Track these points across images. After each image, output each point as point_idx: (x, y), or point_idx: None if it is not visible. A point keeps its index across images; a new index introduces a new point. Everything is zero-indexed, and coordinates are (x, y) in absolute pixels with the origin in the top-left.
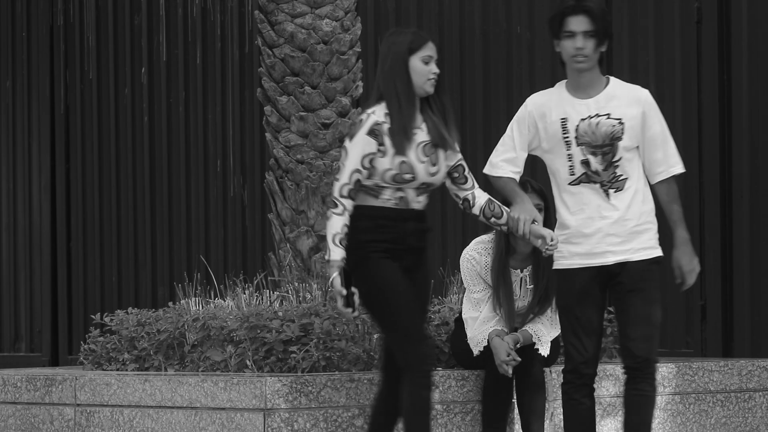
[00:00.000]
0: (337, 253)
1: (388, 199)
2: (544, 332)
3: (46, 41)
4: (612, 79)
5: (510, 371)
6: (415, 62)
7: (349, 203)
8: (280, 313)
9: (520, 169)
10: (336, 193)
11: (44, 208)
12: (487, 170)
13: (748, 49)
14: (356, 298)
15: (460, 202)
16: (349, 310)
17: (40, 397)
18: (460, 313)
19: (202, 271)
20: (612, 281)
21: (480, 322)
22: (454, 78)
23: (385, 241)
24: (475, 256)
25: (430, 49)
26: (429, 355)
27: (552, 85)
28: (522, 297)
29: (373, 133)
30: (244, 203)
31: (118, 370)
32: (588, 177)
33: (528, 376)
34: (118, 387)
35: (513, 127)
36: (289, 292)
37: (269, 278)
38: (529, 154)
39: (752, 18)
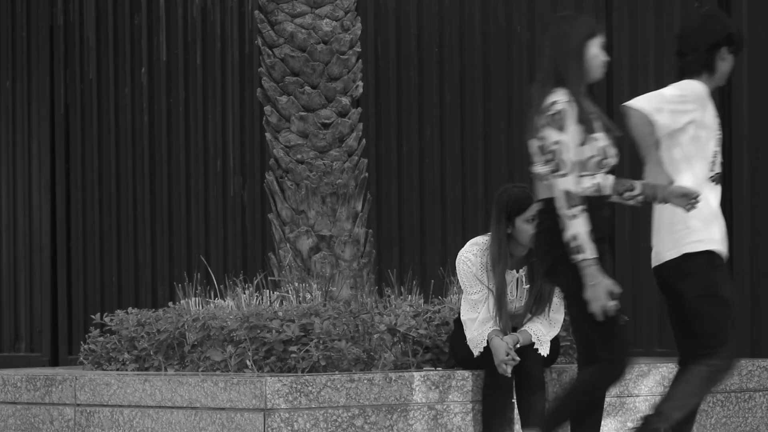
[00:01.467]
0: (596, 251)
1: (587, 187)
2: (544, 332)
3: (46, 41)
4: None
5: (509, 371)
6: (593, 48)
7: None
8: (280, 313)
9: (659, 132)
10: (573, 188)
11: (44, 208)
12: (637, 104)
13: (748, 50)
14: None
15: None
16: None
17: (40, 397)
18: (459, 313)
19: (202, 271)
20: None
21: (479, 323)
22: (454, 78)
23: (591, 231)
24: (471, 257)
25: (603, 36)
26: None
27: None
28: (519, 297)
29: (581, 121)
30: (244, 203)
31: (118, 370)
32: (719, 177)
33: (528, 377)
34: (118, 387)
35: (679, 99)
36: (289, 292)
37: (269, 278)
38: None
39: (752, 18)
